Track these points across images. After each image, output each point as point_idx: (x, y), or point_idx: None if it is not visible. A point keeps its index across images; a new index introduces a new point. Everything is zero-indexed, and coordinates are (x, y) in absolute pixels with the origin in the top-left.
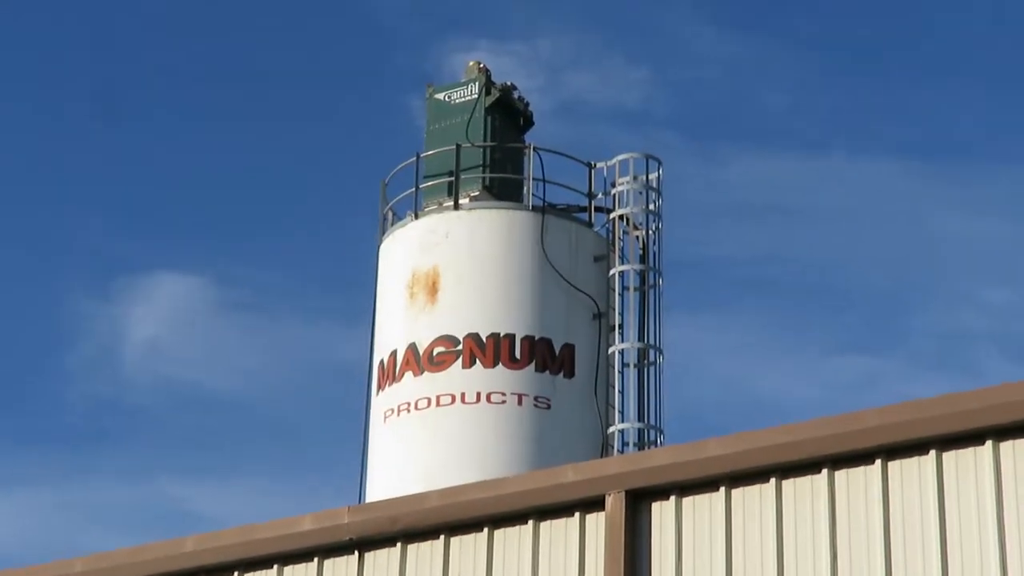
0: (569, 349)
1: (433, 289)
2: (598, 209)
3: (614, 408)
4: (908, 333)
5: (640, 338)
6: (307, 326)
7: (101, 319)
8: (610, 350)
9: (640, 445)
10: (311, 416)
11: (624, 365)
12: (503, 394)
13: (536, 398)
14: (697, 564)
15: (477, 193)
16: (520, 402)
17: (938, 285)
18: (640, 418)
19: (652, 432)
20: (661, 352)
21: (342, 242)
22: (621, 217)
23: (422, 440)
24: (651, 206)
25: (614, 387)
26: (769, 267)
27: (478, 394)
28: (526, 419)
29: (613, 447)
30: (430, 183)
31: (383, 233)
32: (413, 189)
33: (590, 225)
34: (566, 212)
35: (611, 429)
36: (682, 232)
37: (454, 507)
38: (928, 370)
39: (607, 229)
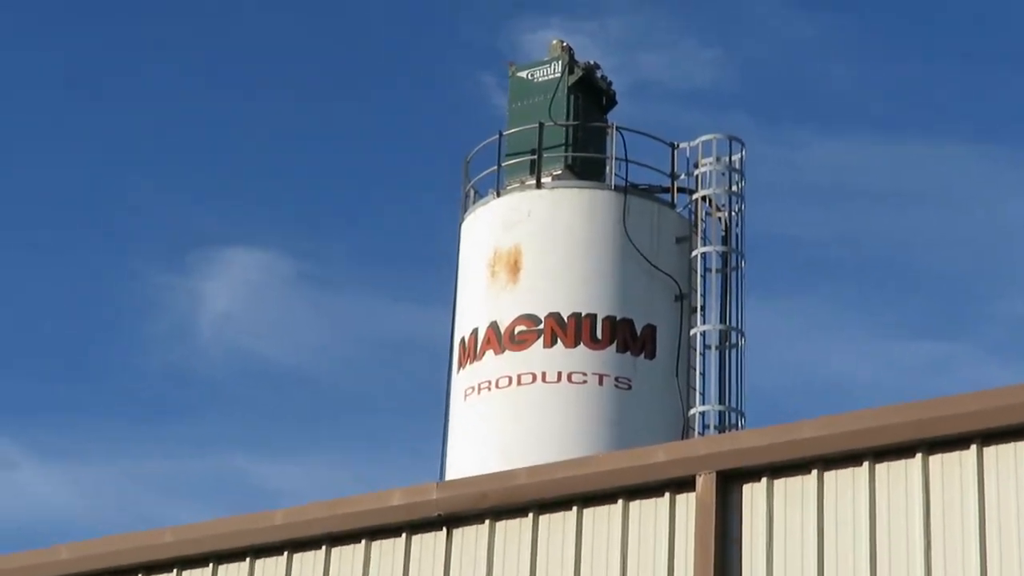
0: (650, 330)
1: (515, 267)
2: (680, 190)
3: (695, 390)
4: (981, 319)
5: (722, 320)
6: (384, 303)
7: (177, 292)
8: (691, 332)
9: (721, 428)
10: (385, 394)
11: (705, 347)
12: (584, 374)
13: (617, 379)
14: (788, 547)
15: (559, 172)
16: (601, 382)
17: (1013, 271)
18: (721, 400)
19: (733, 415)
20: (743, 334)
21: (420, 220)
22: (704, 198)
23: (502, 418)
24: (734, 187)
25: (695, 369)
26: (839, 250)
27: (559, 374)
28: (607, 399)
29: (694, 429)
30: (512, 161)
31: (465, 211)
32: (495, 167)
33: (672, 206)
34: (648, 192)
35: (692, 411)
36: (754, 213)
37: (543, 485)
38: (1000, 357)
39: (689, 210)
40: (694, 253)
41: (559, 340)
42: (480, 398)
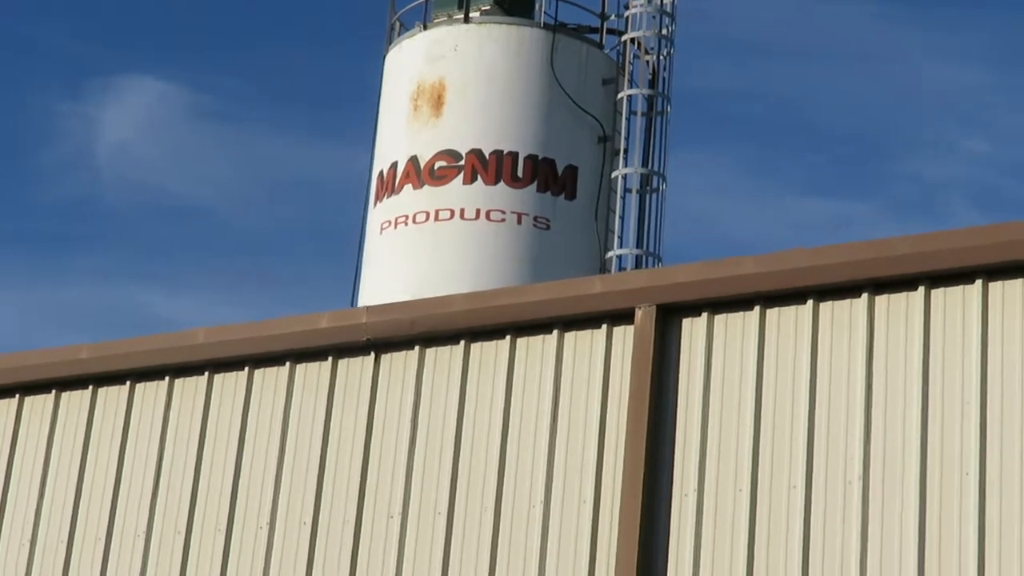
0: (572, 171)
1: (438, 102)
2: (610, 31)
3: (613, 233)
4: (885, 179)
5: (644, 164)
6: (294, 140)
7: (73, 120)
8: (613, 174)
9: None
10: (293, 232)
11: (626, 190)
12: (503, 212)
13: (536, 218)
14: (726, 382)
15: (488, 7)
16: (520, 221)
17: (917, 132)
18: (639, 244)
19: (650, 259)
20: (664, 179)
21: (340, 56)
22: (632, 40)
23: (418, 253)
24: (664, 31)
25: (615, 212)
26: (745, 105)
27: (478, 211)
28: (525, 238)
29: (611, 272)
30: None
31: (389, 44)
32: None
33: (600, 47)
34: (577, 32)
35: (609, 254)
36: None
37: (477, 312)
38: (901, 217)
39: (617, 52)
40: (620, 95)
41: (479, 177)
42: (397, 232)
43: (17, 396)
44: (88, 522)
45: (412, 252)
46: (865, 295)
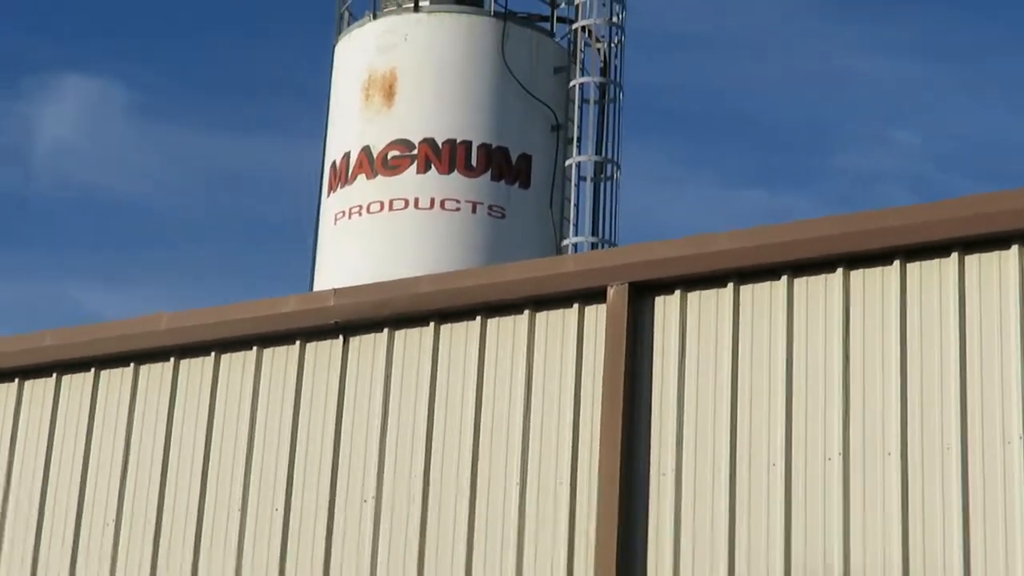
0: (526, 159)
1: (390, 92)
2: (560, 20)
3: (568, 221)
4: (820, 172)
5: (597, 151)
6: (235, 134)
7: (9, 118)
8: (567, 163)
9: None
10: (240, 223)
11: (580, 178)
12: (457, 201)
13: (491, 207)
14: (701, 360)
15: None
16: (474, 210)
17: (850, 124)
18: (595, 232)
19: (606, 247)
20: (619, 166)
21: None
22: (583, 28)
23: (373, 243)
24: (614, 18)
25: (569, 200)
26: (683, 98)
27: (432, 200)
28: (480, 227)
29: None
30: None
31: (339, 34)
32: None
33: (552, 35)
34: (528, 21)
35: (565, 242)
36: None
37: (446, 293)
38: (838, 209)
39: (568, 40)
40: (572, 83)
41: (433, 166)
42: (351, 223)
43: None
44: (56, 512)
45: (367, 242)
46: (840, 269)
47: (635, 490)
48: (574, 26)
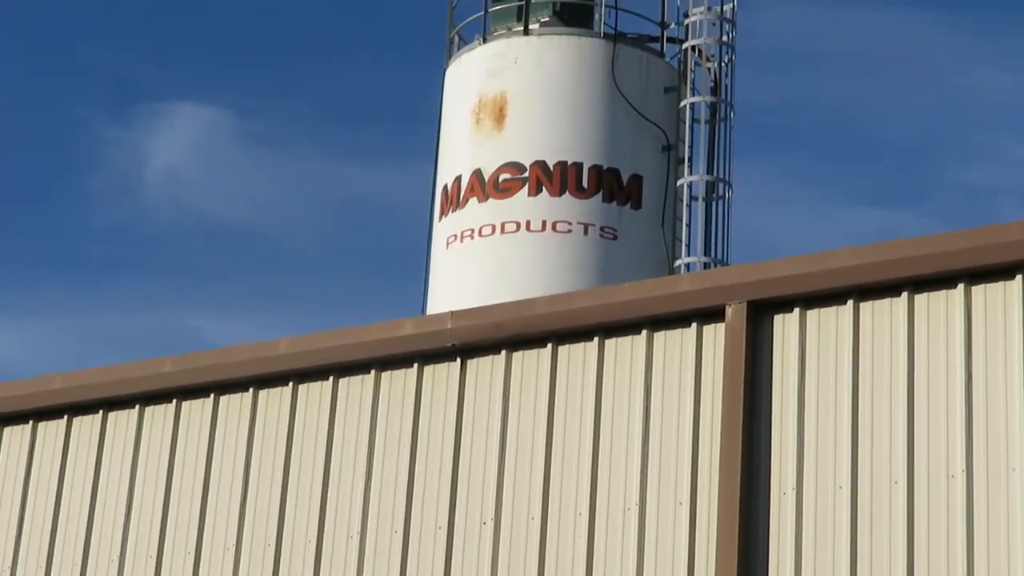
0: (637, 180)
1: (500, 115)
2: (670, 39)
3: (680, 241)
4: (932, 188)
5: (709, 171)
6: (348, 161)
7: (122, 147)
8: (678, 183)
9: None
10: (352, 249)
11: (692, 198)
12: (569, 223)
13: (603, 228)
14: (821, 378)
15: (547, 19)
16: (586, 232)
17: (966, 139)
18: (707, 252)
19: (718, 267)
20: (730, 186)
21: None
22: (693, 48)
23: (485, 267)
24: (724, 37)
25: (681, 220)
26: (794, 116)
27: (544, 222)
28: (592, 249)
29: None
30: (499, 7)
31: (449, 58)
32: (482, 13)
33: (661, 55)
34: (637, 41)
35: (677, 262)
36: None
37: (563, 314)
38: (951, 226)
39: (678, 60)
40: (682, 103)
41: (544, 188)
42: (463, 246)
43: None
44: (176, 537)
45: (479, 265)
46: (961, 285)
47: (755, 510)
48: (684, 46)
